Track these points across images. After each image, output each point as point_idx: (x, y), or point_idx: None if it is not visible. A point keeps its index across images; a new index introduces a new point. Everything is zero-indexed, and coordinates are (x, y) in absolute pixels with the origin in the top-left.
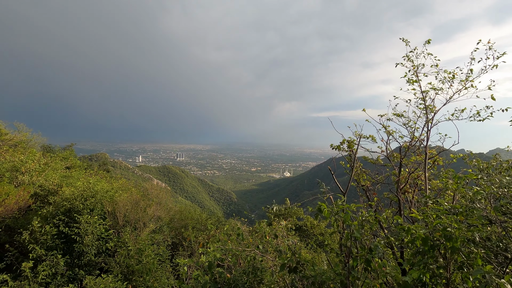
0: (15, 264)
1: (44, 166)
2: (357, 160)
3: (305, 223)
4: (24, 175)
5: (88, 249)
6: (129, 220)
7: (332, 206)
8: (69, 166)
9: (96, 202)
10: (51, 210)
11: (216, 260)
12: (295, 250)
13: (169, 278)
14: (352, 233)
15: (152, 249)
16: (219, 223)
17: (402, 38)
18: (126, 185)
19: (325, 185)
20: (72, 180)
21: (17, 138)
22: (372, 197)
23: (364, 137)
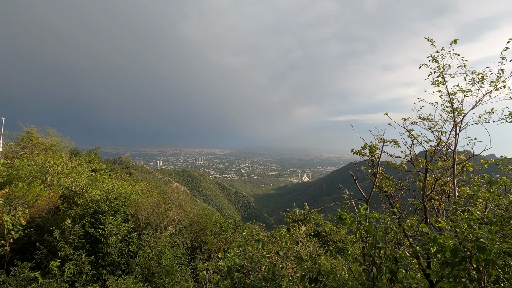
0: (44, 262)
1: (71, 169)
2: (380, 165)
3: (324, 229)
4: (53, 177)
5: (112, 250)
6: (150, 222)
7: (355, 214)
8: (94, 169)
9: (119, 205)
10: (79, 211)
11: (236, 265)
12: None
13: (188, 281)
14: (376, 243)
15: (172, 251)
16: (237, 227)
17: (427, 38)
18: (148, 188)
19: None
20: (97, 183)
21: (48, 142)
22: (395, 204)
23: (386, 141)
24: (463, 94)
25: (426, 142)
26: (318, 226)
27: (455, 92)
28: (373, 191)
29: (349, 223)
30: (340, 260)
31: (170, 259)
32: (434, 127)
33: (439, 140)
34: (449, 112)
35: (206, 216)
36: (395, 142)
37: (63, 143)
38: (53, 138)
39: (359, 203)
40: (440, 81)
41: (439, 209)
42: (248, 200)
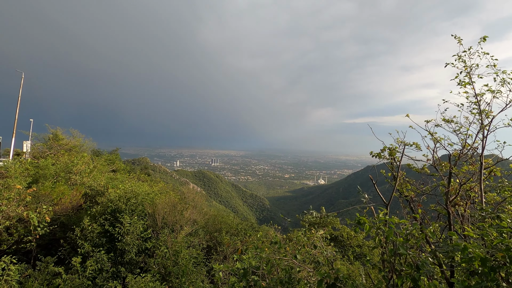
0: (67, 258)
1: (92, 168)
2: (400, 168)
3: (341, 233)
4: (76, 176)
5: (129, 248)
6: (167, 222)
7: (373, 219)
8: (115, 169)
9: (137, 204)
10: (99, 210)
11: (252, 268)
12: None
13: (204, 281)
14: (397, 249)
15: (188, 251)
16: (252, 229)
17: (454, 35)
18: (165, 188)
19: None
20: (116, 182)
21: (72, 143)
22: (417, 209)
23: (407, 144)
24: (492, 95)
25: (450, 146)
26: (335, 230)
27: (482, 93)
28: (393, 196)
29: (367, 228)
30: (357, 266)
31: (187, 259)
32: (459, 130)
33: (464, 143)
34: (475, 114)
35: (221, 217)
36: (417, 145)
37: (86, 144)
38: (77, 139)
39: (379, 208)
40: (467, 82)
41: (464, 216)
42: (263, 202)
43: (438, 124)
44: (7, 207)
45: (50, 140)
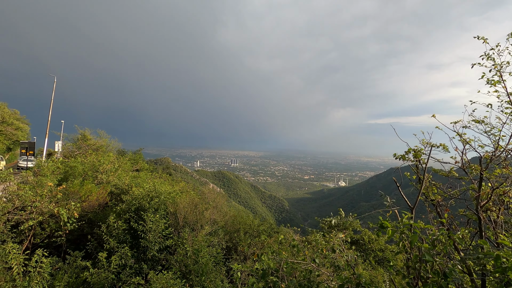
0: (94, 253)
1: (117, 167)
2: (426, 171)
3: (362, 236)
4: (102, 175)
5: (152, 245)
6: (188, 221)
7: (397, 223)
8: (138, 168)
9: (160, 203)
10: (124, 208)
11: (270, 269)
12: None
13: (224, 281)
14: (422, 256)
15: (208, 251)
16: (272, 230)
17: (477, 36)
18: (186, 188)
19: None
20: (139, 181)
21: (99, 143)
22: (444, 214)
23: (434, 146)
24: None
25: (480, 147)
26: (355, 233)
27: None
28: (418, 199)
29: (390, 233)
30: (379, 271)
31: (207, 258)
32: (490, 131)
33: (496, 145)
34: (508, 114)
35: (241, 217)
36: (444, 146)
37: (112, 144)
38: (104, 139)
39: (403, 212)
40: (496, 81)
41: (497, 222)
42: (282, 204)
43: (466, 126)
44: (40, 203)
45: (79, 141)
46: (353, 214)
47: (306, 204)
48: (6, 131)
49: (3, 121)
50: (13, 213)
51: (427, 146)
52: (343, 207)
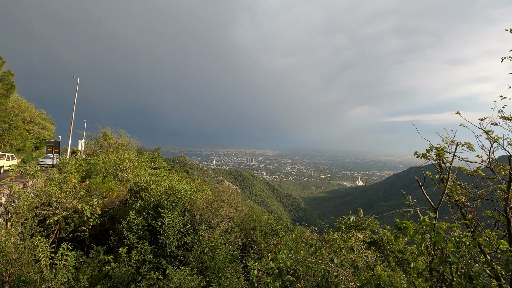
0: (115, 248)
1: (136, 165)
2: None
3: (381, 237)
4: (122, 172)
5: (170, 241)
6: (204, 218)
7: (419, 224)
8: (156, 166)
9: (177, 200)
10: (143, 204)
11: (287, 268)
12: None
13: (240, 278)
14: (447, 257)
15: (224, 248)
16: (287, 229)
17: (510, 29)
18: (202, 186)
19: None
20: (158, 178)
21: (119, 142)
22: (468, 215)
23: (458, 144)
24: None
25: (510, 146)
26: (374, 233)
27: None
28: (442, 199)
29: (411, 233)
30: (399, 273)
31: (223, 255)
32: None
33: None
34: None
35: (256, 216)
36: (469, 145)
37: (131, 143)
38: (123, 138)
39: (425, 212)
40: None
41: None
42: (298, 202)
43: (495, 123)
44: (65, 199)
45: (101, 139)
46: (372, 216)
47: (322, 203)
48: (34, 130)
49: (31, 121)
50: (40, 208)
51: (450, 145)
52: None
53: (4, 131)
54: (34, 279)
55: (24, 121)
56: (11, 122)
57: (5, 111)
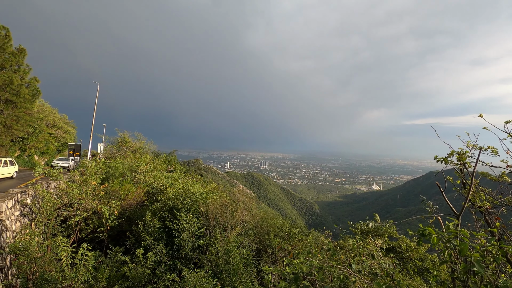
0: (132, 249)
1: (153, 168)
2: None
3: (399, 244)
4: (140, 175)
5: (185, 244)
6: (218, 221)
7: (442, 231)
8: (172, 169)
9: (192, 203)
10: (159, 207)
11: (302, 273)
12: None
13: (254, 282)
14: (471, 266)
15: (238, 252)
16: (302, 233)
17: None
18: (217, 189)
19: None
20: (173, 181)
21: (136, 145)
22: (494, 223)
23: (482, 148)
24: None
25: None
26: (391, 240)
27: None
28: (465, 206)
29: (435, 240)
30: (418, 281)
31: (237, 259)
32: None
33: None
34: None
35: (270, 220)
36: (493, 149)
37: (148, 146)
38: (141, 141)
39: (447, 218)
40: None
41: None
42: (312, 207)
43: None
44: (85, 201)
45: (119, 143)
46: (389, 220)
47: (338, 208)
48: (56, 134)
49: (54, 125)
50: (62, 209)
51: (472, 149)
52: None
53: (29, 135)
54: (56, 278)
55: (48, 125)
56: (36, 126)
57: (31, 116)
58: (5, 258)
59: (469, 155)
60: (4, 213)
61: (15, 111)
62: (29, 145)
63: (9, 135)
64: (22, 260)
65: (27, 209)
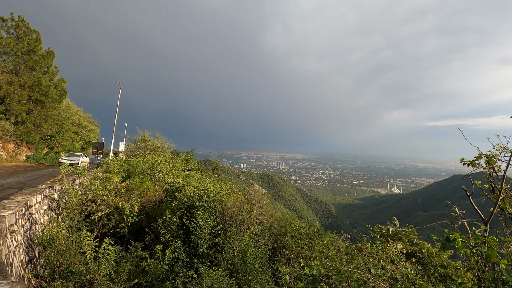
0: (151, 245)
1: (172, 167)
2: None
3: (420, 249)
4: (159, 173)
5: (202, 241)
6: (235, 220)
7: (468, 237)
8: (190, 168)
9: (209, 202)
10: (177, 204)
11: (321, 275)
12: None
13: (269, 282)
14: (500, 274)
15: (254, 251)
16: (319, 235)
17: None
18: (233, 188)
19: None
20: (191, 180)
21: (156, 144)
22: None
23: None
24: None
25: None
26: (411, 245)
27: None
28: (494, 212)
29: (460, 245)
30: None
31: (253, 258)
32: None
33: None
34: None
35: (286, 220)
36: None
37: (167, 145)
38: (160, 140)
39: (475, 224)
40: None
41: None
42: (329, 208)
43: None
44: (107, 197)
45: (139, 141)
46: (409, 225)
47: (355, 211)
48: (81, 133)
49: (79, 124)
50: (86, 204)
51: (503, 152)
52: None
53: (57, 133)
54: (80, 270)
55: (73, 124)
56: (63, 125)
57: (58, 115)
58: (34, 250)
59: (499, 158)
60: (33, 207)
61: (44, 110)
62: (56, 143)
63: (39, 133)
64: (49, 252)
65: (54, 203)
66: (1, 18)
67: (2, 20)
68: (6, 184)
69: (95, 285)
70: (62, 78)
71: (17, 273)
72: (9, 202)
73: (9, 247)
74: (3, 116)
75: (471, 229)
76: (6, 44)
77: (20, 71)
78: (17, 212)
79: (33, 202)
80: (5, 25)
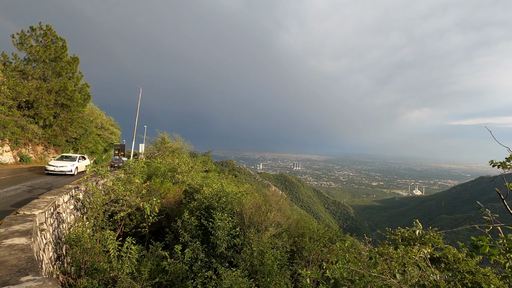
0: (171, 245)
1: (190, 168)
2: None
3: (445, 254)
4: (179, 175)
5: (220, 242)
6: (253, 222)
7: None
8: (207, 169)
9: (227, 203)
10: (195, 205)
11: (343, 279)
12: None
13: (288, 284)
14: None
15: (272, 253)
16: (337, 237)
17: None
18: (250, 189)
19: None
20: (209, 181)
21: (175, 146)
22: None
23: None
24: None
25: None
26: (437, 249)
27: None
28: None
29: (486, 250)
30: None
31: (272, 260)
32: None
33: None
34: None
35: (304, 222)
36: None
37: (185, 147)
38: (178, 142)
39: (507, 228)
40: None
41: None
42: (347, 210)
43: None
44: (129, 198)
45: (159, 143)
46: (435, 228)
47: (374, 213)
48: (104, 135)
49: (102, 126)
50: (109, 204)
51: None
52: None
53: (81, 136)
54: (105, 268)
55: (96, 126)
56: (87, 127)
57: (82, 118)
58: (62, 248)
59: None
60: (61, 206)
61: (69, 114)
62: (80, 145)
63: (65, 136)
64: (75, 250)
65: (80, 203)
66: (31, 28)
67: (31, 29)
68: (35, 185)
69: (119, 283)
70: (86, 83)
71: (46, 269)
72: (39, 202)
73: (39, 245)
74: (32, 120)
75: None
76: (35, 51)
77: (47, 77)
78: (46, 211)
79: (61, 202)
80: (34, 34)
